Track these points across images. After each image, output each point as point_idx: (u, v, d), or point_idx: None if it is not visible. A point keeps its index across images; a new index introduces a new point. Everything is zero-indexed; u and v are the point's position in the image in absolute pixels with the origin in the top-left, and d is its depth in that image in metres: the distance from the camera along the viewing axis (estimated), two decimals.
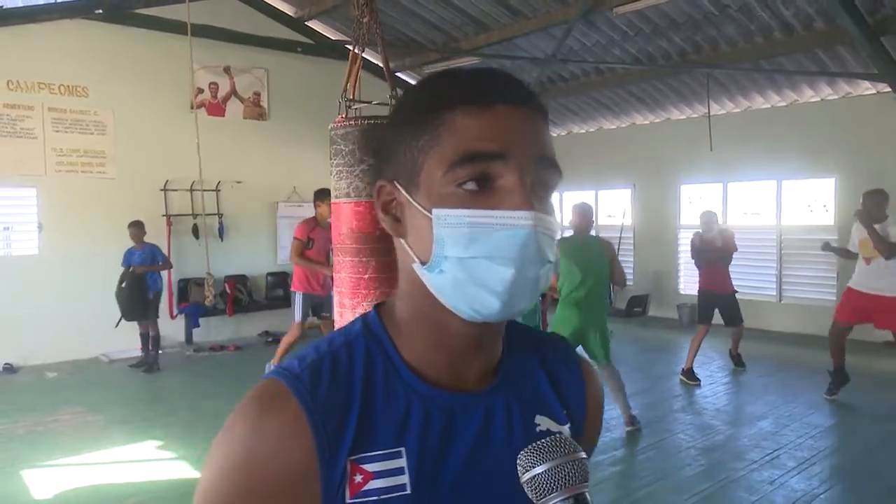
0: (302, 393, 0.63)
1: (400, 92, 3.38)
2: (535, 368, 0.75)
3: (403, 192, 0.65)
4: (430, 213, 0.62)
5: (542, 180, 0.63)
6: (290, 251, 5.54)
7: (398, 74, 9.14)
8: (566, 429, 0.73)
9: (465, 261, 0.61)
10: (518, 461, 0.61)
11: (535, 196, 0.61)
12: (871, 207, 4.99)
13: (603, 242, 4.69)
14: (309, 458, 0.62)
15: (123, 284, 6.40)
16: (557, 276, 4.51)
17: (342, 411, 0.63)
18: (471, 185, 0.61)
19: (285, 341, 5.63)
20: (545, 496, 0.58)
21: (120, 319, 6.50)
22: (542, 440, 0.61)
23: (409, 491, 0.63)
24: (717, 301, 5.97)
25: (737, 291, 6.12)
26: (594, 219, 5.08)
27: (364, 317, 0.72)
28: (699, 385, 5.75)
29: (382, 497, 0.63)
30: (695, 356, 5.87)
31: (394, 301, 0.71)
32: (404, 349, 0.68)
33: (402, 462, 0.63)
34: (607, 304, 4.53)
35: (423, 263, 0.64)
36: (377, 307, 0.73)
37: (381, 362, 0.67)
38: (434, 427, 0.65)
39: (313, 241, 5.43)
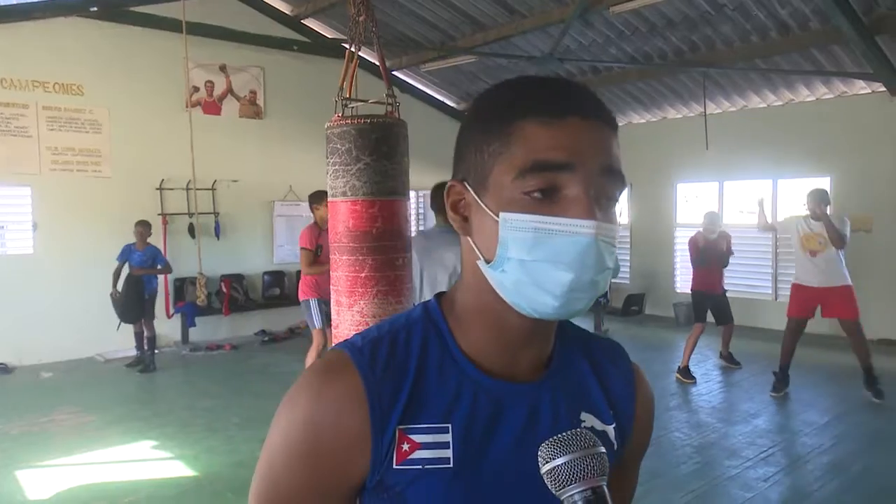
0: (362, 364, 0.68)
1: (396, 91, 3.37)
2: (584, 367, 0.78)
3: (472, 193, 0.69)
4: (497, 216, 0.65)
5: (607, 191, 0.66)
6: (301, 262, 5.25)
7: (395, 73, 9.13)
8: (611, 429, 0.76)
9: (528, 263, 0.64)
10: (539, 452, 0.63)
11: (598, 206, 0.64)
12: (815, 205, 5.19)
13: None
14: (363, 425, 0.66)
15: (120, 287, 6.37)
16: None
17: (396, 384, 0.68)
18: (537, 193, 0.64)
19: (312, 355, 5.17)
20: (564, 487, 0.60)
21: (119, 323, 6.50)
22: (564, 433, 0.63)
23: (451, 465, 0.67)
24: (708, 301, 6.03)
25: (726, 291, 6.19)
26: None
27: (425, 304, 0.76)
28: (695, 383, 5.77)
29: (427, 467, 0.67)
30: (691, 354, 5.90)
31: (455, 292, 0.75)
32: (461, 337, 0.72)
33: (448, 437, 0.68)
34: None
35: (487, 262, 0.67)
36: (438, 297, 0.77)
37: (437, 346, 0.72)
38: (482, 411, 0.69)
39: (321, 248, 5.11)
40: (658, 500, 3.60)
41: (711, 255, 5.98)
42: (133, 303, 6.41)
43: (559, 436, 0.63)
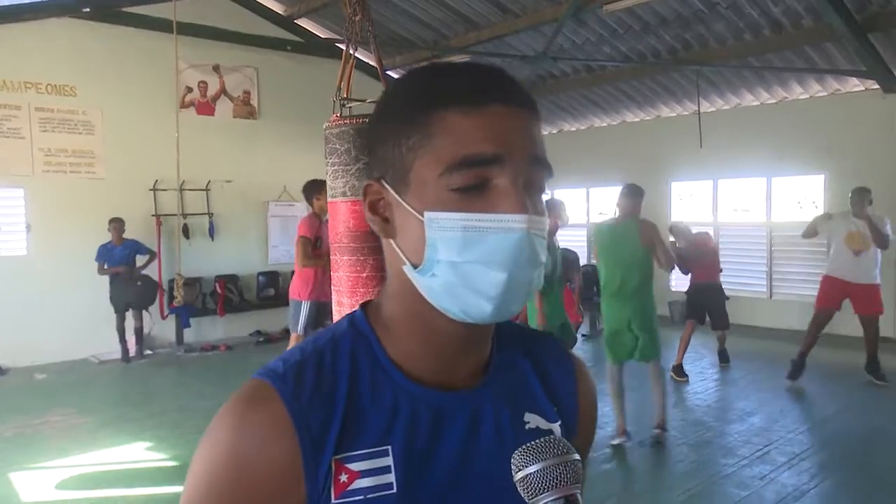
0: (285, 393, 0.62)
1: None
2: (524, 366, 0.75)
3: (392, 191, 0.64)
4: (422, 215, 0.61)
5: (534, 180, 0.63)
6: (297, 253, 4.85)
7: (389, 73, 9.11)
8: (557, 426, 0.73)
9: (459, 265, 0.60)
10: (511, 460, 0.61)
11: (527, 196, 0.61)
12: (858, 203, 5.36)
13: (640, 226, 4.14)
14: (293, 458, 0.61)
15: (140, 283, 6.62)
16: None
17: (326, 410, 0.62)
18: (468, 188, 0.60)
19: None
20: (537, 495, 0.59)
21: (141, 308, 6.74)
22: (537, 440, 0.61)
23: (395, 490, 0.62)
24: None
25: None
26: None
27: (351, 315, 0.71)
28: (687, 381, 5.78)
29: (368, 496, 0.62)
30: (685, 352, 5.97)
31: (381, 300, 0.70)
32: (391, 348, 0.67)
33: (389, 461, 0.63)
34: (650, 298, 4.23)
35: (413, 266, 0.63)
36: (364, 305, 0.72)
37: (367, 361, 0.66)
38: (422, 426, 0.65)
39: (321, 240, 4.87)
40: (654, 498, 3.61)
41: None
42: (148, 291, 6.66)
43: (532, 443, 0.61)
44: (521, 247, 0.59)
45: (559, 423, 0.73)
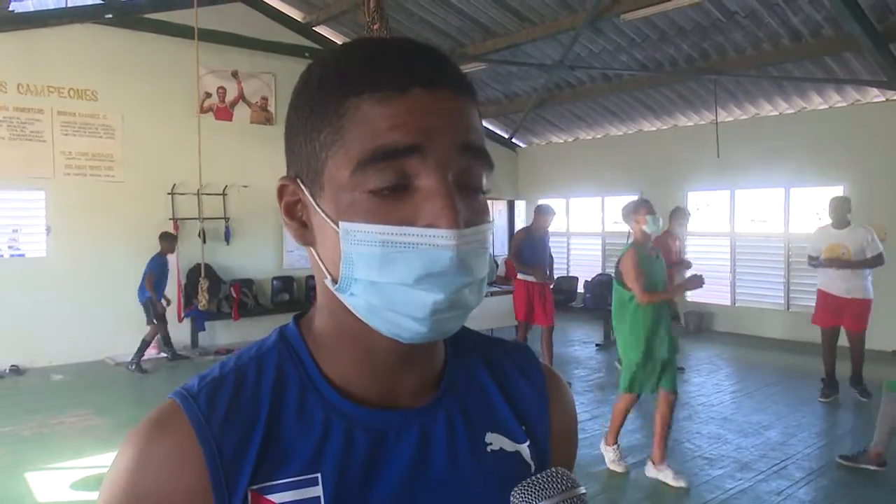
0: (195, 415, 0.56)
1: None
2: (485, 380, 0.66)
3: (307, 194, 0.57)
4: (337, 225, 0.54)
5: (468, 173, 0.54)
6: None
7: None
8: (525, 447, 0.65)
9: (379, 286, 0.53)
10: (511, 498, 0.56)
11: (460, 195, 0.53)
12: (838, 212, 5.28)
13: None
14: (201, 489, 0.54)
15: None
16: None
17: (242, 434, 0.56)
18: (383, 190, 0.53)
19: None
20: None
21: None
22: (540, 474, 0.55)
23: None
24: None
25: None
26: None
27: (282, 328, 0.64)
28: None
29: None
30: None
31: (312, 312, 0.64)
32: (325, 363, 0.60)
33: (318, 490, 0.56)
34: None
35: (334, 281, 0.56)
36: (297, 318, 0.65)
37: (296, 377, 0.60)
38: (358, 450, 0.57)
39: None
40: None
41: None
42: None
43: (533, 478, 0.55)
44: (451, 266, 0.51)
45: (528, 443, 0.65)
